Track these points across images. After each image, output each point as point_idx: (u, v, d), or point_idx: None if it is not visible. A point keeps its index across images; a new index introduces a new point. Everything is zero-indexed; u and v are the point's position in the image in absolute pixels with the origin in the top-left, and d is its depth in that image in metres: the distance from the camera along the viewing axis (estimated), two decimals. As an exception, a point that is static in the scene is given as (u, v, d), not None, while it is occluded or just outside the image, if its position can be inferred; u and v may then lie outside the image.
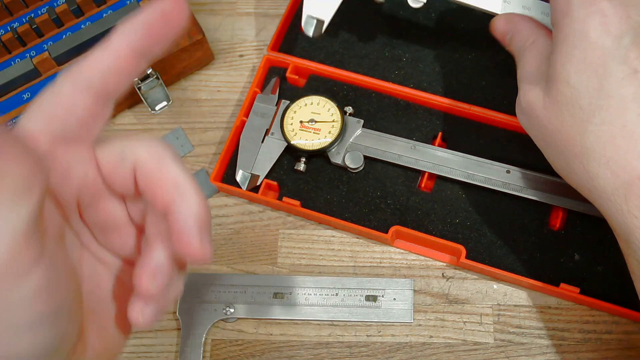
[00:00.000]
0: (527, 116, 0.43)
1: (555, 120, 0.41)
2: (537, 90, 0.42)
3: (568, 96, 0.40)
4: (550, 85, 0.41)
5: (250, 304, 0.51)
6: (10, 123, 0.53)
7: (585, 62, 0.39)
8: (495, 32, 0.48)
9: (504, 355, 0.49)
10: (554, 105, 0.40)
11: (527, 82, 0.43)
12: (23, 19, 0.56)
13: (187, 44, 0.55)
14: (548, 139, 0.42)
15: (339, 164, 0.53)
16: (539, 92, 0.42)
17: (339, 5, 0.48)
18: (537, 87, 0.42)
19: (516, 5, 0.47)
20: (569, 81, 0.39)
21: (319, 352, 0.50)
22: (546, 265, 0.49)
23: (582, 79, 0.39)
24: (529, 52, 0.44)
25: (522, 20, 0.46)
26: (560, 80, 0.40)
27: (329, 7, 0.48)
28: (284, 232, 0.54)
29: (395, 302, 0.50)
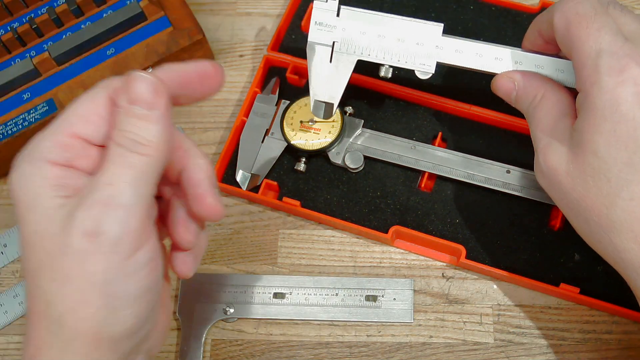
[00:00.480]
0: (548, 180, 0.42)
1: (580, 188, 0.39)
2: (559, 155, 0.41)
3: (595, 167, 0.38)
4: (575, 152, 0.39)
5: (250, 304, 0.51)
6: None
7: (615, 135, 0.37)
8: (498, 92, 0.46)
9: (504, 355, 0.49)
10: (579, 173, 0.39)
11: (544, 143, 0.42)
12: (23, 19, 0.56)
13: (187, 44, 0.55)
14: (571, 205, 0.41)
15: (339, 164, 0.53)
16: (561, 157, 0.41)
17: (346, 85, 0.47)
18: (559, 151, 0.41)
19: (529, 65, 0.45)
20: (597, 153, 0.38)
21: (319, 352, 0.50)
22: (546, 265, 0.49)
23: (611, 151, 0.38)
24: (540, 110, 0.43)
25: (525, 77, 0.45)
26: (587, 150, 0.39)
27: (336, 90, 0.47)
28: (284, 232, 0.54)
29: (395, 302, 0.50)
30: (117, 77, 0.36)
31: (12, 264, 0.54)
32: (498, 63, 0.46)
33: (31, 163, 0.35)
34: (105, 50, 0.55)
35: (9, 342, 0.51)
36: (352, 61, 0.47)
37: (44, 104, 0.54)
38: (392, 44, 0.47)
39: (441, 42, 0.47)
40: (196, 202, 0.37)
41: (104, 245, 0.33)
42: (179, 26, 0.56)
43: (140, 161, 0.34)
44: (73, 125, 0.35)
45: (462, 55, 0.46)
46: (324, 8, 0.47)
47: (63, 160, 0.35)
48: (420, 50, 0.47)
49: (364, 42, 0.47)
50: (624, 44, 0.38)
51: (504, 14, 0.57)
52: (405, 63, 0.47)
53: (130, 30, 0.56)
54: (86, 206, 0.33)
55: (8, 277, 0.53)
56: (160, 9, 0.56)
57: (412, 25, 0.47)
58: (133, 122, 0.34)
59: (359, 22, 0.47)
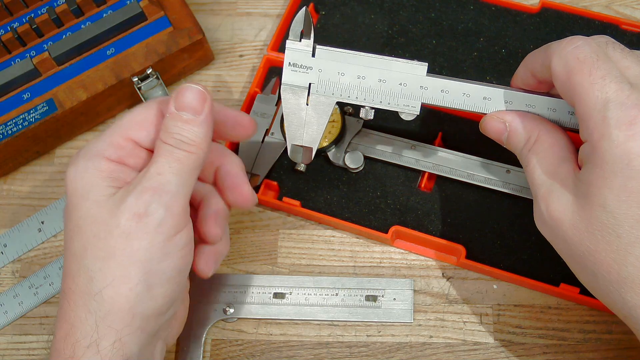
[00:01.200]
0: (551, 230, 0.40)
1: (587, 242, 0.38)
2: (563, 205, 0.39)
3: (604, 222, 0.37)
4: (582, 204, 0.38)
5: (250, 304, 0.51)
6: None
7: (626, 190, 0.36)
8: (487, 134, 0.45)
9: (504, 355, 0.49)
10: (587, 227, 0.38)
11: (545, 190, 0.40)
12: (23, 19, 0.56)
13: (187, 44, 0.55)
14: (577, 258, 0.39)
15: (339, 164, 0.53)
16: (566, 208, 0.39)
17: (324, 130, 0.45)
18: (563, 201, 0.39)
19: (519, 104, 0.43)
20: (606, 207, 0.37)
21: (319, 352, 0.50)
22: (546, 265, 0.49)
23: (621, 207, 0.36)
24: (536, 153, 0.42)
25: (516, 117, 0.43)
26: (595, 203, 0.37)
27: (315, 134, 0.44)
28: (284, 232, 0.54)
29: (395, 302, 0.50)
30: (167, 97, 0.43)
31: (12, 263, 0.54)
32: (487, 103, 0.44)
33: (88, 159, 0.41)
34: (105, 50, 0.55)
35: (9, 342, 0.51)
36: (330, 103, 0.44)
37: (44, 104, 0.54)
38: (373, 84, 0.44)
39: (426, 82, 0.44)
40: (233, 191, 0.45)
41: (149, 226, 0.38)
42: (179, 26, 0.56)
43: (185, 156, 0.40)
44: (127, 129, 0.42)
45: (448, 95, 0.44)
46: (298, 48, 0.44)
47: (116, 157, 0.41)
48: (403, 91, 0.44)
49: (343, 84, 0.44)
50: (631, 93, 0.36)
51: (504, 14, 0.57)
52: (388, 105, 0.44)
53: (130, 30, 0.56)
54: (137, 191, 0.39)
55: (8, 277, 0.54)
56: (160, 9, 0.56)
57: (394, 65, 0.44)
58: (180, 125, 0.40)
59: (337, 63, 0.44)
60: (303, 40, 0.44)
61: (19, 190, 0.56)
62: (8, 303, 0.52)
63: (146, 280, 0.39)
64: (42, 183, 0.57)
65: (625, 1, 0.60)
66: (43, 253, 0.54)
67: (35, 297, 0.52)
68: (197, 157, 0.41)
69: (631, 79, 0.38)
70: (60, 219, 0.55)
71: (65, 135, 0.57)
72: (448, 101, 0.44)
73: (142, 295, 0.39)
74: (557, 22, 0.57)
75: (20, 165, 0.57)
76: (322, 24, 0.59)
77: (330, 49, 0.44)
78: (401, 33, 0.58)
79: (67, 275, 0.40)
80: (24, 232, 0.54)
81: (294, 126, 0.45)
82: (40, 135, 0.54)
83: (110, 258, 0.38)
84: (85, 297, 0.39)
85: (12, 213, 0.56)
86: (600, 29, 0.56)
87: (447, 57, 0.56)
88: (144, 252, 0.38)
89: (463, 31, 0.57)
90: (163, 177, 0.39)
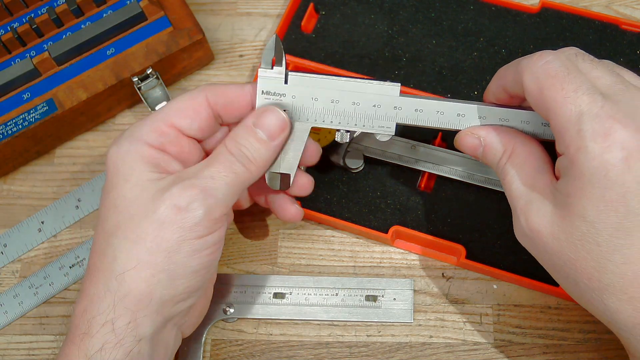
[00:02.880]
0: (532, 242, 0.41)
1: (568, 252, 0.38)
2: (542, 216, 0.39)
3: (584, 232, 0.37)
4: (561, 215, 0.38)
5: (250, 304, 0.51)
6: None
7: (604, 200, 0.36)
8: (463, 149, 0.45)
9: (504, 355, 0.49)
10: (567, 237, 0.38)
11: (524, 202, 0.40)
12: (23, 19, 0.56)
13: (187, 44, 0.55)
14: (558, 268, 0.40)
15: (339, 164, 0.53)
16: (545, 219, 0.39)
17: (301, 154, 0.45)
18: (542, 212, 0.39)
19: (493, 119, 0.44)
20: (585, 217, 0.37)
21: (319, 352, 0.50)
22: (546, 265, 0.49)
23: (600, 216, 0.36)
24: (512, 166, 0.42)
25: (490, 132, 0.43)
26: (574, 214, 0.37)
27: (292, 160, 0.45)
28: (284, 232, 0.54)
29: (395, 302, 0.50)
30: (217, 84, 0.44)
31: (12, 263, 0.54)
32: (461, 119, 0.44)
33: (131, 142, 0.41)
34: (105, 50, 0.55)
35: (9, 342, 0.51)
36: (305, 129, 0.44)
37: (44, 104, 0.54)
38: (347, 108, 0.44)
39: (399, 102, 0.44)
40: (282, 212, 0.48)
41: (185, 221, 0.39)
42: (179, 26, 0.56)
43: (242, 171, 0.41)
44: (171, 116, 0.42)
45: (422, 113, 0.44)
46: (270, 76, 0.44)
47: (158, 143, 0.42)
48: (378, 112, 0.44)
49: (317, 109, 0.44)
50: (604, 104, 0.37)
51: (504, 14, 0.57)
52: (363, 127, 0.45)
53: (130, 30, 0.56)
54: (185, 185, 0.40)
55: (8, 277, 0.53)
56: (160, 9, 0.56)
57: (367, 87, 0.44)
58: (251, 141, 0.42)
59: (310, 88, 0.44)
60: (275, 67, 0.44)
61: (19, 190, 0.56)
62: (8, 303, 0.52)
63: (170, 270, 0.39)
64: (42, 183, 0.57)
65: (625, 1, 0.60)
66: (43, 253, 0.54)
67: (35, 297, 0.52)
68: (251, 177, 0.42)
69: (603, 89, 0.38)
70: (60, 219, 0.55)
71: (65, 135, 0.57)
72: (422, 120, 0.45)
73: (164, 283, 0.39)
74: (557, 22, 0.57)
75: (20, 165, 0.57)
76: (322, 24, 0.59)
77: (302, 74, 0.44)
78: (401, 33, 0.58)
79: (95, 252, 0.41)
80: (24, 232, 0.54)
81: None
82: (40, 135, 0.54)
83: (139, 241, 0.39)
84: (108, 275, 0.39)
85: (12, 213, 0.56)
86: (600, 29, 0.56)
87: (447, 57, 0.56)
88: (173, 243, 0.39)
89: (463, 31, 0.57)
90: (214, 182, 0.40)
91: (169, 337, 0.43)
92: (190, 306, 0.43)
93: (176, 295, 0.40)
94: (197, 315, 0.46)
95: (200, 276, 0.41)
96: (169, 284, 0.40)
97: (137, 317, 0.39)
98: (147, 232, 0.39)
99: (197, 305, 0.45)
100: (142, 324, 0.39)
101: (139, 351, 0.39)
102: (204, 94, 0.43)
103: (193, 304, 0.43)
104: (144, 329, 0.40)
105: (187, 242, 0.40)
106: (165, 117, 0.42)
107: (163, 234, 0.39)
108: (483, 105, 0.44)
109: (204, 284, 0.42)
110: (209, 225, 0.40)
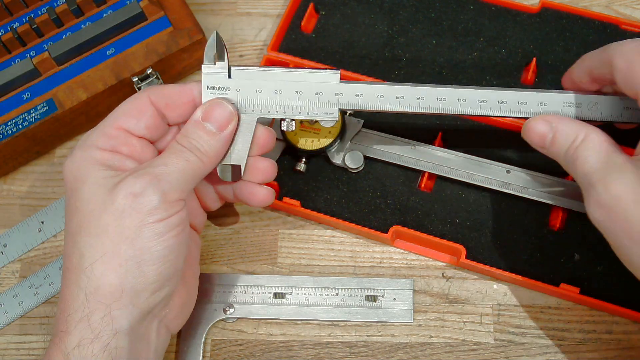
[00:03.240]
0: (610, 212, 0.40)
1: None
2: (624, 182, 0.40)
3: None
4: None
5: (250, 304, 0.51)
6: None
7: None
8: (531, 134, 0.45)
9: (504, 355, 0.49)
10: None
11: (599, 176, 0.41)
12: (23, 19, 0.56)
13: (187, 44, 0.55)
14: (636, 235, 0.40)
15: (339, 164, 0.53)
16: (627, 185, 0.40)
17: (249, 146, 0.46)
18: (623, 179, 0.40)
19: (557, 104, 0.46)
20: None
21: (319, 352, 0.50)
22: (546, 265, 0.49)
23: None
24: (586, 149, 0.42)
25: (562, 120, 0.45)
26: None
27: (241, 151, 0.45)
28: (284, 232, 0.54)
29: (395, 302, 0.50)
30: (159, 85, 0.45)
31: (12, 263, 0.54)
32: (400, 101, 0.46)
33: (83, 150, 0.43)
34: (105, 50, 0.55)
35: (9, 342, 0.51)
36: (252, 120, 0.45)
37: (44, 104, 0.54)
38: (290, 97, 0.45)
39: (340, 88, 0.45)
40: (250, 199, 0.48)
41: (143, 205, 0.40)
42: (179, 26, 0.56)
43: (194, 159, 0.42)
44: (117, 119, 0.44)
45: (362, 98, 0.46)
46: (213, 72, 0.45)
47: (109, 146, 0.43)
48: (320, 99, 0.45)
49: (261, 100, 0.45)
50: None
51: (504, 14, 0.57)
52: (307, 115, 0.46)
53: (130, 30, 0.56)
54: (138, 174, 0.41)
55: (8, 277, 0.53)
56: (160, 9, 0.56)
57: (308, 76, 0.45)
58: (200, 134, 0.43)
59: (253, 80, 0.45)
60: (218, 63, 0.45)
61: (19, 190, 0.56)
62: (8, 303, 0.52)
63: (136, 257, 0.40)
64: (42, 183, 0.57)
65: (625, 1, 0.60)
66: (43, 253, 0.54)
67: (35, 297, 0.52)
68: (204, 168, 0.43)
69: None
70: (60, 219, 0.55)
71: (65, 135, 0.57)
72: (363, 104, 0.46)
73: (132, 271, 0.40)
74: (557, 22, 0.57)
75: (20, 165, 0.57)
76: (322, 24, 0.59)
77: (244, 68, 0.45)
78: (401, 33, 0.58)
79: (65, 255, 0.42)
80: (24, 232, 0.54)
81: None
82: (40, 135, 0.54)
83: (102, 234, 0.40)
84: (77, 273, 0.40)
85: (12, 213, 0.56)
86: (600, 29, 0.56)
87: (447, 57, 0.56)
88: (135, 230, 0.40)
89: (463, 31, 0.57)
90: (166, 168, 0.41)
91: (149, 331, 0.42)
92: (167, 297, 0.43)
93: (148, 284, 0.40)
94: (179, 308, 0.45)
95: (169, 262, 0.41)
96: (137, 272, 0.40)
97: (111, 311, 0.40)
98: (108, 223, 0.40)
99: (177, 297, 0.45)
100: (117, 317, 0.40)
101: (116, 345, 0.40)
102: (147, 94, 0.44)
103: (169, 293, 0.43)
104: (120, 322, 0.40)
105: (147, 227, 0.40)
106: (112, 121, 0.44)
107: (123, 222, 0.40)
108: (424, 86, 0.46)
109: (176, 271, 0.42)
110: (167, 208, 0.41)
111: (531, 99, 0.46)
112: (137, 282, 0.40)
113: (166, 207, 0.41)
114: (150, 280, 0.41)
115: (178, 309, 0.45)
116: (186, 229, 0.43)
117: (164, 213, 0.41)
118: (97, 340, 0.39)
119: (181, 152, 0.42)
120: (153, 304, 0.41)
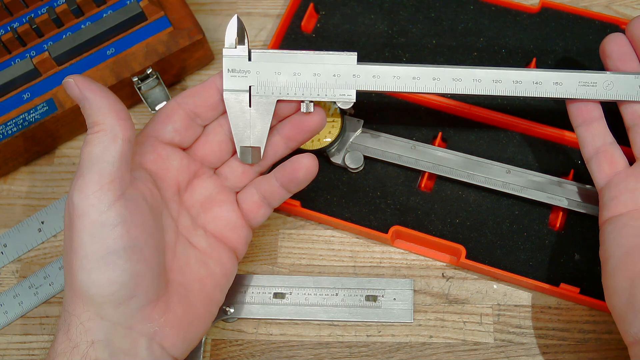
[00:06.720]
0: None
1: None
2: None
3: None
4: None
5: (250, 304, 0.51)
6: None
7: None
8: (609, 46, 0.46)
9: (504, 355, 0.49)
10: None
11: None
12: (23, 19, 0.56)
13: (187, 44, 0.55)
14: None
15: (339, 164, 0.53)
16: None
17: (269, 127, 0.46)
18: None
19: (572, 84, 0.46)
20: None
21: (319, 352, 0.50)
22: (546, 265, 0.49)
23: None
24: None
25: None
26: None
27: (260, 133, 0.46)
28: (284, 232, 0.54)
29: (395, 302, 0.50)
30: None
31: (12, 263, 0.54)
32: (416, 82, 0.46)
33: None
34: (105, 50, 0.55)
35: (9, 342, 0.51)
36: (271, 102, 0.46)
37: (44, 104, 0.54)
38: (309, 79, 0.46)
39: (357, 70, 0.46)
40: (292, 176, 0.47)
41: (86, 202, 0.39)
42: (179, 26, 0.56)
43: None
44: (147, 127, 0.45)
45: (380, 79, 0.46)
46: (234, 55, 0.45)
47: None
48: (338, 81, 0.46)
49: (280, 83, 0.45)
50: None
51: (504, 14, 0.57)
52: (325, 96, 0.46)
53: (130, 30, 0.56)
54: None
55: (8, 277, 0.54)
56: (160, 9, 0.56)
57: (326, 58, 0.46)
58: None
59: (273, 63, 0.45)
60: (238, 46, 0.45)
61: (19, 190, 0.56)
62: (8, 303, 0.52)
63: (83, 265, 0.39)
64: (42, 183, 0.57)
65: (625, 1, 0.60)
66: (43, 253, 0.54)
67: (35, 297, 0.52)
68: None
69: None
70: (60, 219, 0.55)
71: (65, 135, 0.57)
72: (380, 85, 0.46)
73: (85, 280, 0.39)
74: (557, 22, 0.57)
75: (20, 165, 0.57)
76: (322, 24, 0.59)
77: (264, 50, 0.46)
78: (401, 33, 0.58)
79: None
80: (24, 232, 0.54)
81: (240, 129, 0.46)
82: (40, 135, 0.54)
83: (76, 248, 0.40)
84: (66, 283, 0.41)
85: (12, 213, 0.56)
86: (600, 29, 0.56)
87: (447, 57, 0.56)
88: (77, 238, 0.39)
89: (463, 31, 0.57)
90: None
91: (136, 348, 0.40)
92: (155, 312, 0.40)
93: (105, 295, 0.39)
94: (176, 328, 0.42)
95: (119, 266, 0.39)
96: (89, 280, 0.39)
97: (82, 321, 0.39)
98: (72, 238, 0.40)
99: (173, 315, 0.41)
100: (91, 328, 0.39)
101: (96, 357, 0.39)
102: (174, 100, 0.45)
103: (143, 305, 0.40)
104: (95, 333, 0.39)
105: (85, 232, 0.39)
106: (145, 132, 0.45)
107: (73, 233, 0.40)
108: (435, 67, 0.46)
109: (141, 272, 0.40)
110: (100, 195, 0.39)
111: (546, 79, 0.46)
112: (95, 293, 0.39)
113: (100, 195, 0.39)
114: (107, 290, 0.39)
115: (178, 330, 0.42)
116: (128, 232, 0.39)
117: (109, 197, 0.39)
118: (76, 349, 0.39)
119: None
120: (127, 316, 0.40)
